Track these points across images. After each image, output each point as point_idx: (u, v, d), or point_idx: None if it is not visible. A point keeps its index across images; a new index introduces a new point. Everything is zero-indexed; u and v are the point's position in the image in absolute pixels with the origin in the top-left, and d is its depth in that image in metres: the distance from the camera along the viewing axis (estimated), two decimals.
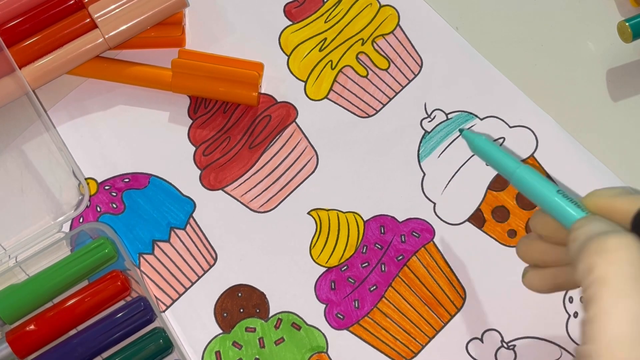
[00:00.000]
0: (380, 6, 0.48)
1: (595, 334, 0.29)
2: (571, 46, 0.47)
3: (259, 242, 0.44)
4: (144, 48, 0.47)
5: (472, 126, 0.46)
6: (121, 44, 0.46)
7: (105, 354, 0.42)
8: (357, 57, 0.47)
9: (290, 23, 0.48)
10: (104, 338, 0.41)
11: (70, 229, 0.44)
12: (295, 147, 0.46)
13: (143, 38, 0.46)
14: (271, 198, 0.45)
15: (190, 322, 0.43)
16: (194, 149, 0.46)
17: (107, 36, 0.44)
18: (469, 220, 0.44)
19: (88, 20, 0.45)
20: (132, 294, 0.43)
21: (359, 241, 0.44)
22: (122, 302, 0.43)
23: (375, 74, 0.47)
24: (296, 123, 0.46)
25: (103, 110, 0.46)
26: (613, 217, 0.32)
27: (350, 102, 0.46)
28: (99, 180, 0.45)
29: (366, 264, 0.44)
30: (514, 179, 0.36)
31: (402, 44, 0.47)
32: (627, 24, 0.44)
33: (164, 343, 0.42)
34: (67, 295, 0.42)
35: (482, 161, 0.45)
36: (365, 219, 0.45)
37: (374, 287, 0.44)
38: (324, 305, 0.43)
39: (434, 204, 0.45)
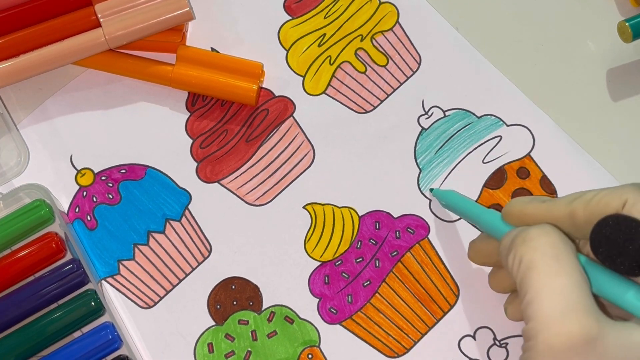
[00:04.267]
0: (380, 3, 0.48)
1: (533, 314, 0.33)
2: (571, 46, 0.47)
3: (254, 235, 0.45)
4: (142, 50, 0.47)
5: (468, 125, 0.46)
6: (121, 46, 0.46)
7: (36, 315, 0.43)
8: (355, 53, 0.47)
9: (290, 18, 0.48)
10: (35, 299, 0.42)
11: (69, 212, 0.45)
12: (292, 141, 0.46)
13: (142, 41, 0.46)
14: (267, 191, 0.45)
15: (183, 313, 0.44)
16: (191, 141, 0.46)
17: (108, 37, 0.45)
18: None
19: (93, 18, 0.45)
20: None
21: (354, 236, 0.44)
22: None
23: (374, 70, 0.47)
24: (293, 117, 0.46)
25: (101, 100, 0.47)
26: (526, 222, 0.36)
27: (348, 98, 0.46)
28: (96, 171, 0.46)
29: (360, 259, 0.44)
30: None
31: (401, 41, 0.47)
32: (627, 24, 0.44)
33: (95, 305, 0.42)
34: (0, 257, 0.43)
35: (481, 159, 0.45)
36: (360, 214, 0.45)
37: (368, 282, 0.44)
38: (317, 300, 0.43)
39: (430, 200, 0.45)
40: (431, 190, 0.45)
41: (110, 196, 0.45)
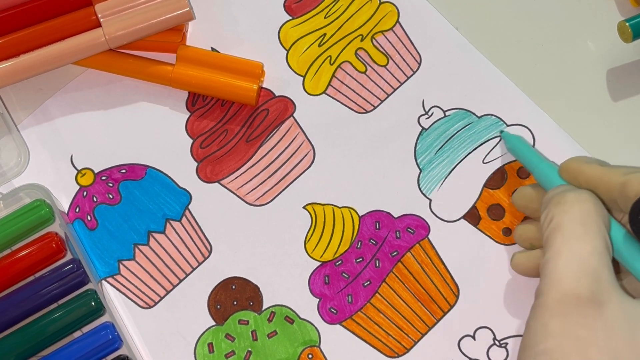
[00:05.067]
0: (380, 3, 0.48)
1: (548, 272, 0.34)
2: (571, 46, 0.47)
3: (254, 235, 0.45)
4: (142, 50, 0.47)
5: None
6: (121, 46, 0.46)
7: (37, 315, 0.43)
8: (356, 53, 0.47)
9: (290, 18, 0.48)
10: (35, 299, 0.42)
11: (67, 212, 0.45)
12: (292, 141, 0.46)
13: (142, 41, 0.46)
14: (267, 192, 0.45)
15: (183, 313, 0.44)
16: (191, 141, 0.46)
17: (108, 37, 0.45)
18: (464, 217, 0.44)
19: (93, 18, 0.45)
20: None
21: (354, 236, 0.44)
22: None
23: (374, 70, 0.47)
24: (294, 117, 0.46)
25: (101, 100, 0.47)
26: (580, 180, 0.37)
27: (348, 98, 0.46)
28: (96, 171, 0.46)
29: (360, 259, 0.44)
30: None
31: (401, 41, 0.47)
32: (627, 24, 0.44)
33: (95, 305, 0.42)
34: (0, 257, 0.43)
35: (481, 159, 0.45)
36: (360, 214, 0.45)
37: (368, 282, 0.44)
38: (318, 300, 0.44)
39: (430, 200, 0.45)
40: (501, 132, 0.45)
41: (111, 196, 0.45)
